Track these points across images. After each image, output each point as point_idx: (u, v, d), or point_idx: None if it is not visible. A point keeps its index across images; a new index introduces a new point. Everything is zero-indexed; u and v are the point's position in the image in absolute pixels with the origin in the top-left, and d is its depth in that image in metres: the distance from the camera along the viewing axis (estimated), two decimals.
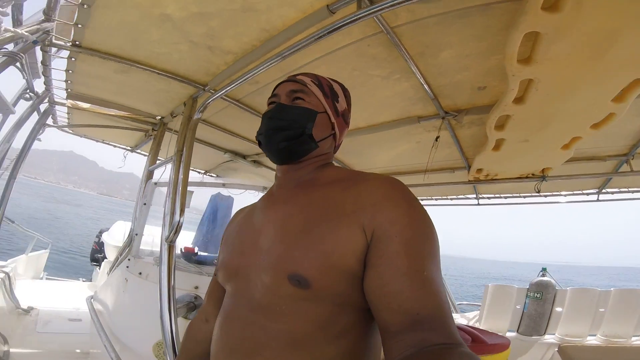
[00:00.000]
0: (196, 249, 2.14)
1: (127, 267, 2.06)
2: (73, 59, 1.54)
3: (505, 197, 2.78)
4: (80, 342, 2.30)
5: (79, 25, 1.27)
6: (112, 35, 1.38)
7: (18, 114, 1.75)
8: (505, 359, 1.50)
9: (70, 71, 1.63)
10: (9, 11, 1.05)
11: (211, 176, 3.69)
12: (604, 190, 2.55)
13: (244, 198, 2.61)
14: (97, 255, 4.47)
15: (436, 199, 3.13)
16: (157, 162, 2.33)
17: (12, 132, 1.74)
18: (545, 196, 2.57)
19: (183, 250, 2.09)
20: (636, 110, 1.43)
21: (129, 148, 3.11)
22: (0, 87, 1.46)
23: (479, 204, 2.92)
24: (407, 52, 1.30)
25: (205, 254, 2.38)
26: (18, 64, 1.31)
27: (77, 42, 1.41)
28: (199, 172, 3.65)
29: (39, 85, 1.79)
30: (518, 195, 2.69)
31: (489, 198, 2.85)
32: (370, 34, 1.25)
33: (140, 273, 1.99)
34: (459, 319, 2.88)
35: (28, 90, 1.68)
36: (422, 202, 2.46)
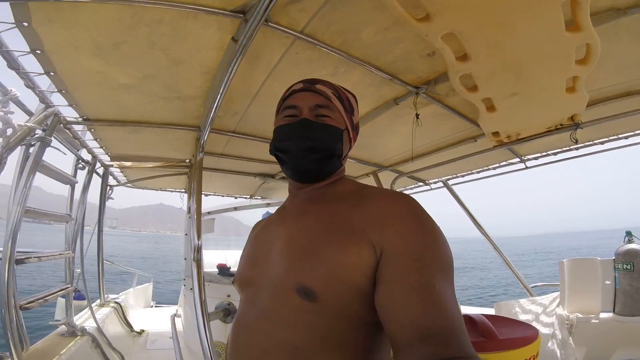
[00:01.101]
0: (227, 264, 2.43)
1: (184, 285, 2.47)
2: (93, 130, 1.95)
3: (555, 154, 2.38)
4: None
5: (74, 106, 1.62)
6: (101, 106, 1.70)
7: (81, 181, 2.26)
8: (531, 354, 1.30)
9: (98, 139, 2.07)
10: (13, 109, 1.39)
11: (257, 199, 4.03)
12: None
13: None
14: None
15: (478, 172, 2.84)
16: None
17: (82, 197, 2.26)
18: (593, 144, 2.12)
19: (218, 266, 2.40)
20: None
21: (182, 190, 3.62)
22: (58, 163, 1.89)
23: (527, 167, 2.56)
24: (331, 46, 1.31)
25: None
26: (53, 145, 1.73)
27: (84, 117, 1.78)
28: (245, 198, 4.00)
29: (88, 155, 2.29)
30: (568, 148, 2.28)
31: (536, 158, 2.47)
32: (289, 44, 1.30)
33: (191, 289, 2.37)
34: (530, 305, 2.55)
35: (79, 161, 2.17)
36: (463, 178, 2.34)
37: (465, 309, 2.54)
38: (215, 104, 1.50)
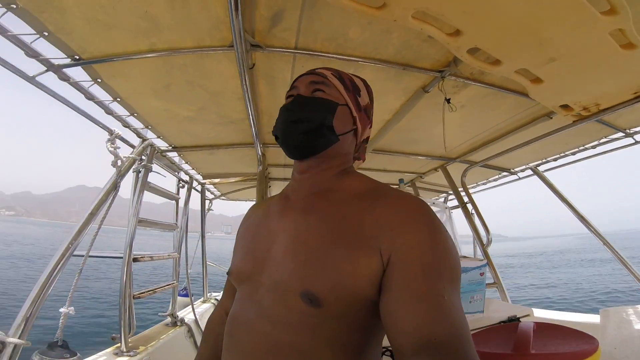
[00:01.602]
0: None
1: None
2: (182, 155, 2.46)
3: None
4: None
5: (161, 137, 2.12)
6: (179, 136, 2.16)
7: (183, 197, 2.87)
8: None
9: (189, 162, 2.59)
10: (119, 144, 1.90)
11: None
12: None
13: None
14: None
15: (573, 153, 2.34)
16: None
17: (184, 209, 2.86)
18: None
19: None
20: None
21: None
22: (164, 183, 2.37)
23: (636, 142, 1.99)
24: (328, 52, 1.39)
25: None
26: (156, 169, 2.28)
27: (173, 146, 2.29)
28: None
29: (185, 176, 2.89)
30: None
31: None
32: (292, 60, 1.43)
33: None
34: None
35: (180, 181, 2.77)
36: (556, 162, 2.10)
37: (544, 316, 2.12)
38: (252, 124, 1.75)
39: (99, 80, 1.46)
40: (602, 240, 2.33)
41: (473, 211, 2.62)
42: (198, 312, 2.99)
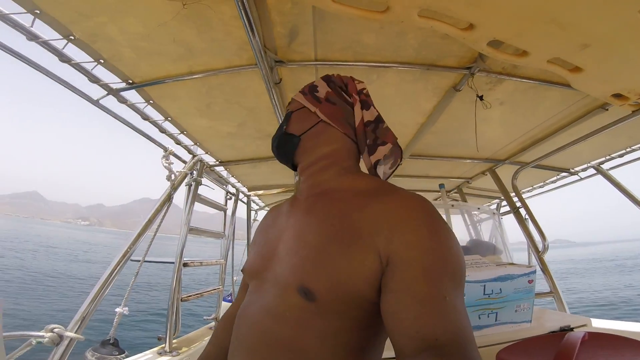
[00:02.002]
0: None
1: None
2: (228, 169, 2.66)
3: None
4: None
5: (208, 153, 2.32)
6: (224, 151, 2.35)
7: (230, 208, 3.08)
8: None
9: (234, 175, 2.79)
10: (173, 160, 2.14)
11: None
12: None
13: None
14: None
15: None
16: None
17: (232, 219, 3.06)
18: None
19: None
20: None
21: None
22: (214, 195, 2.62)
23: None
24: (347, 61, 1.44)
25: None
26: (206, 183, 2.50)
27: (220, 160, 2.49)
28: None
29: (233, 189, 3.10)
30: None
31: None
32: (314, 72, 1.51)
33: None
34: None
35: (227, 193, 2.98)
36: (622, 159, 1.99)
37: (624, 325, 1.83)
38: None
39: (151, 102, 1.68)
40: None
41: (527, 216, 2.40)
42: None
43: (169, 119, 1.86)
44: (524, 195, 2.73)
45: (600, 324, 1.70)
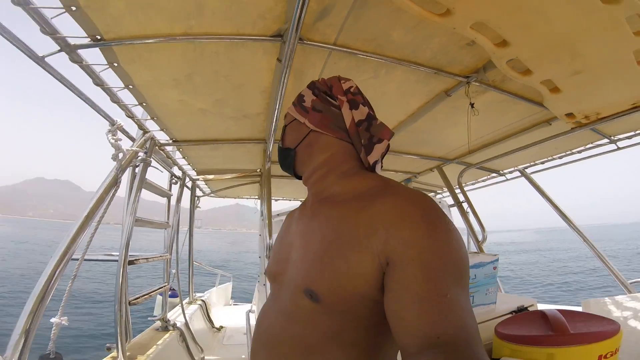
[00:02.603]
0: None
1: (258, 281, 2.73)
2: (181, 149, 2.32)
3: None
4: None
5: (164, 130, 1.98)
6: (186, 129, 2.03)
7: (175, 194, 2.71)
8: (608, 349, 1.19)
9: (186, 157, 2.45)
10: (122, 136, 1.75)
11: None
12: None
13: None
14: None
15: (560, 157, 2.53)
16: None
17: (176, 207, 2.70)
18: None
19: None
20: None
21: (256, 197, 3.96)
22: (157, 180, 2.25)
23: (618, 148, 2.19)
24: (366, 51, 1.37)
25: None
26: (154, 164, 2.13)
27: (174, 139, 2.15)
28: (301, 201, 4.14)
29: (178, 171, 2.73)
30: None
31: (629, 137, 2.12)
32: (326, 56, 1.41)
33: (264, 284, 2.61)
34: (629, 302, 2.18)
35: (172, 177, 2.61)
36: (543, 165, 2.21)
37: (547, 307, 2.31)
38: (274, 119, 1.68)
39: (115, 65, 1.33)
40: (581, 236, 2.56)
41: (468, 209, 2.74)
42: (186, 314, 2.85)
43: (130, 86, 1.51)
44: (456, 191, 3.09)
45: (541, 306, 2.07)
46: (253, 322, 3.09)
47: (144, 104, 1.69)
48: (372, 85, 1.65)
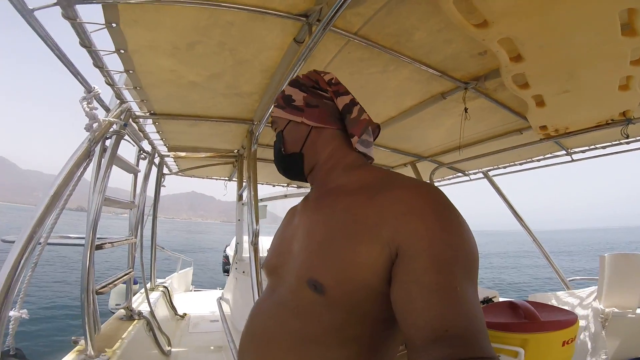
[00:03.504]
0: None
1: (236, 268, 2.64)
2: (157, 123, 2.13)
3: (604, 147, 2.31)
4: (217, 339, 2.91)
5: (144, 101, 1.79)
6: (168, 102, 1.87)
7: (143, 171, 2.48)
8: (570, 336, 1.38)
9: (160, 132, 2.25)
10: (97, 105, 1.54)
11: (293, 187, 4.16)
12: None
13: None
14: (226, 266, 5.48)
15: (520, 164, 2.80)
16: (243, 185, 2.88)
17: (144, 185, 2.47)
18: None
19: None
20: None
21: (226, 178, 3.81)
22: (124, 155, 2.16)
23: (573, 160, 2.49)
24: (383, 46, 1.37)
25: None
26: (126, 137, 1.92)
27: (152, 112, 1.96)
28: (283, 186, 4.12)
29: (147, 146, 2.51)
30: (618, 142, 2.20)
31: (583, 151, 2.41)
32: (343, 44, 1.38)
33: (243, 272, 2.53)
34: (567, 297, 2.53)
35: (141, 152, 2.38)
36: (505, 169, 2.36)
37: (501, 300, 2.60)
38: (274, 100, 1.61)
39: (113, 25, 1.17)
40: (532, 236, 2.88)
41: None
42: (150, 301, 2.66)
43: (122, 51, 1.34)
44: None
45: (501, 298, 2.29)
46: (226, 309, 3.01)
47: (130, 71, 1.50)
48: (376, 80, 1.65)
